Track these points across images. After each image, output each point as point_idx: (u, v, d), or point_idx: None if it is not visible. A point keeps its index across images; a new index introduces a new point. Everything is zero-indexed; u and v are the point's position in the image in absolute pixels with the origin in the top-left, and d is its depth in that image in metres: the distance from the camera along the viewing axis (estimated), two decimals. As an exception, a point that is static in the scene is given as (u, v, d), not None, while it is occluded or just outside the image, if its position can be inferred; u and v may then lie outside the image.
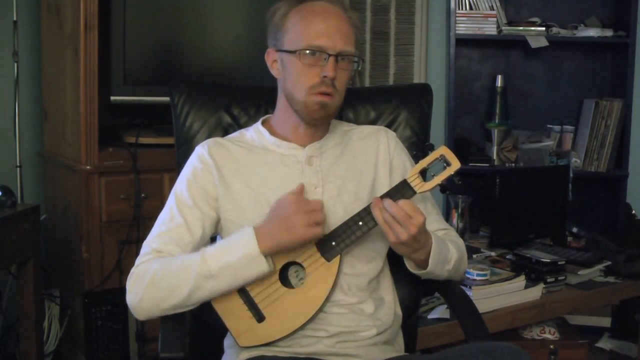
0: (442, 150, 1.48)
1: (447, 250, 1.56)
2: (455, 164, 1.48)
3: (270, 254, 1.43)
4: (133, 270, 1.49)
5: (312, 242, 1.46)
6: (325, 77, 1.48)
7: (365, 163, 1.62)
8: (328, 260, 1.47)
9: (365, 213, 1.48)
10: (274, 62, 1.57)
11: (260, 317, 1.45)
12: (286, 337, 1.46)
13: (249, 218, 1.51)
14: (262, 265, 1.41)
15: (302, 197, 1.46)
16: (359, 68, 1.57)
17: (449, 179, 1.48)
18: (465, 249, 1.66)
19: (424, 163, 1.48)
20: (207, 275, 1.41)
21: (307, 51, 1.49)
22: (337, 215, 1.52)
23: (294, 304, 1.46)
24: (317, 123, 1.56)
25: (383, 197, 1.46)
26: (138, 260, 1.50)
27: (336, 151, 1.61)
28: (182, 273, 1.43)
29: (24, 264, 2.35)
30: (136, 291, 1.46)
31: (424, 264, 1.52)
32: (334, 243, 1.48)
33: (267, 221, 1.44)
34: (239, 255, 1.41)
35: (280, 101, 1.60)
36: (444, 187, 1.47)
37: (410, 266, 1.55)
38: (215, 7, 2.64)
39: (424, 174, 1.49)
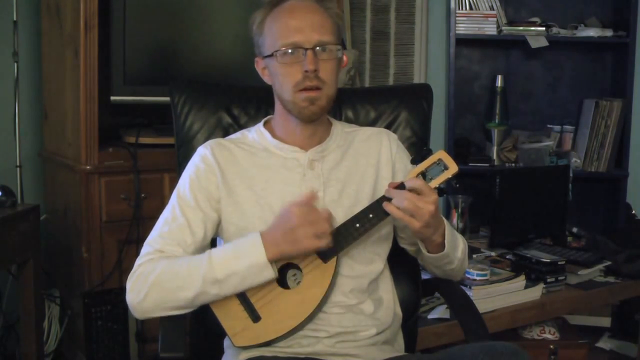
0: (440, 154, 1.49)
1: (456, 235, 1.59)
2: (453, 168, 1.48)
3: (275, 261, 1.43)
4: (135, 269, 1.48)
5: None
6: (306, 71, 1.48)
7: (367, 165, 1.62)
8: (324, 261, 1.47)
9: (363, 215, 1.48)
10: (264, 70, 1.58)
11: (255, 317, 1.45)
12: (281, 337, 1.46)
13: (251, 221, 1.52)
14: (268, 273, 1.42)
15: (308, 207, 1.43)
16: (342, 55, 1.55)
17: (447, 182, 1.49)
18: (466, 245, 1.67)
19: (422, 167, 1.48)
20: (213, 281, 1.42)
21: (284, 50, 1.49)
22: (338, 218, 1.52)
23: (290, 304, 1.46)
24: (313, 119, 1.55)
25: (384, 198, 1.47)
26: (139, 260, 1.50)
27: (338, 154, 1.61)
28: (188, 276, 1.43)
29: (24, 264, 2.34)
30: (138, 290, 1.45)
31: (441, 247, 1.53)
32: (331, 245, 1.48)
33: (273, 229, 1.44)
34: (247, 264, 1.41)
35: (277, 106, 1.61)
36: (441, 191, 1.47)
37: (430, 250, 1.55)
38: (215, 6, 2.64)
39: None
